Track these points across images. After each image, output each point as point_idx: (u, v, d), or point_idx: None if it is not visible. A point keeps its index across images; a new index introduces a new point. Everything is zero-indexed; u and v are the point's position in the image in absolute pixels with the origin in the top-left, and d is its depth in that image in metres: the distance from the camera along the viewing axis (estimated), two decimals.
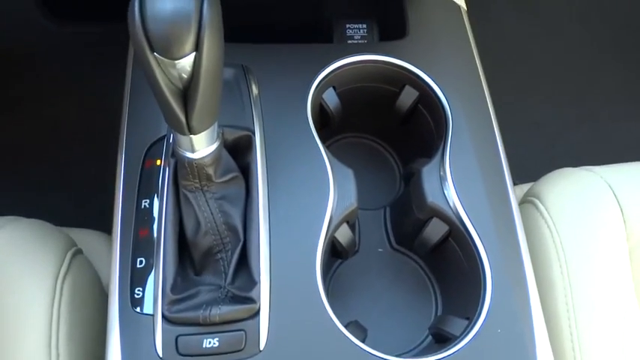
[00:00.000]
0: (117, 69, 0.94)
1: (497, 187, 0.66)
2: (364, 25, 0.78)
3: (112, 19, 1.31)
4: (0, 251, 0.65)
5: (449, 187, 0.62)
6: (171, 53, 0.42)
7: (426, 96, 0.70)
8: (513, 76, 1.37)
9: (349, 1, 0.80)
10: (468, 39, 0.76)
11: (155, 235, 0.56)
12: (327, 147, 0.79)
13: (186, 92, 0.46)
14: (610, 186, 0.71)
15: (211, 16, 0.42)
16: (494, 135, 0.69)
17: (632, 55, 1.45)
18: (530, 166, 1.24)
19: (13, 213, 0.77)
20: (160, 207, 0.57)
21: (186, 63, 0.44)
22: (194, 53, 0.43)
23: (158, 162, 0.61)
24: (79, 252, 0.72)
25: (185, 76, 0.45)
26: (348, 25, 0.77)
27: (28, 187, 1.24)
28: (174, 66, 0.44)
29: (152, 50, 0.42)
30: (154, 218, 0.58)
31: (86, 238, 0.79)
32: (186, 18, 0.41)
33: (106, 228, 0.77)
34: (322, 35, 0.79)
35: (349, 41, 0.77)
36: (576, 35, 1.45)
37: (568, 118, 1.39)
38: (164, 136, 0.62)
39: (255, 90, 0.66)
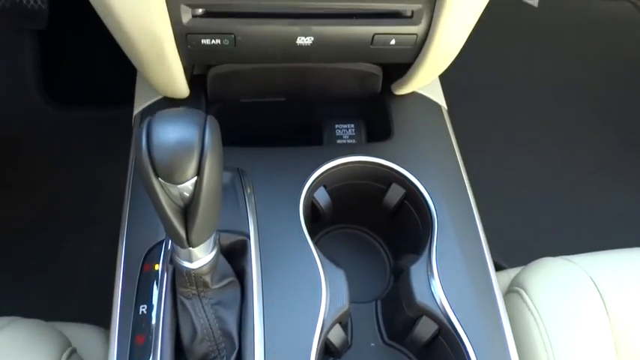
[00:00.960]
0: (115, 154, 0.98)
1: (483, 282, 0.68)
2: (352, 126, 0.83)
3: (112, 104, 1.37)
4: None
5: (436, 286, 0.65)
6: (174, 179, 0.46)
7: (412, 194, 0.74)
8: (496, 153, 1.43)
9: (337, 105, 0.85)
10: (449, 135, 0.81)
11: (152, 342, 0.58)
12: (319, 238, 0.83)
13: (187, 209, 0.49)
14: (591, 278, 0.74)
15: (212, 144, 0.46)
16: (477, 229, 0.73)
17: (609, 130, 1.52)
18: (518, 244, 1.28)
19: (9, 302, 0.78)
20: (157, 314, 0.58)
21: (188, 184, 0.47)
22: (195, 177, 0.47)
23: (156, 267, 0.63)
24: (73, 352, 0.72)
25: (187, 194, 0.48)
26: (337, 126, 0.83)
27: (23, 272, 1.25)
28: (176, 188, 0.47)
29: (156, 176, 0.46)
30: (151, 324, 0.59)
31: (81, 333, 0.80)
32: (189, 148, 0.45)
33: (101, 319, 0.78)
34: (313, 135, 0.84)
35: (338, 141, 0.82)
36: (554, 113, 1.53)
37: (551, 193, 1.44)
38: (163, 240, 0.65)
39: (250, 193, 0.69)
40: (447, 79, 0.89)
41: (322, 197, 0.74)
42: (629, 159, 1.44)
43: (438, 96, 0.86)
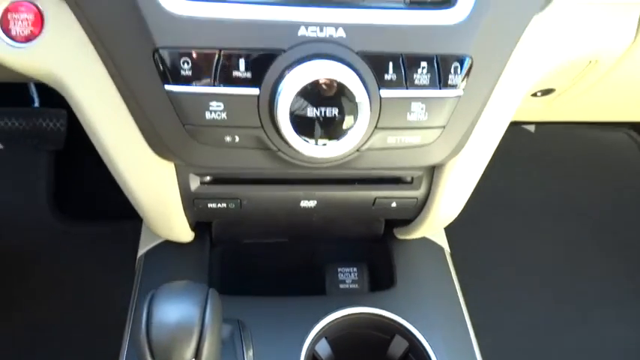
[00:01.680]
0: (119, 273, 0.97)
1: None
2: (355, 269, 0.83)
3: (118, 219, 1.38)
4: None
5: None
6: None
7: (415, 347, 0.72)
8: (500, 283, 1.41)
9: (340, 245, 0.86)
10: (453, 282, 0.81)
11: None
12: None
13: None
14: None
15: (212, 325, 0.46)
16: None
17: (613, 254, 1.51)
18: None
19: None
20: None
21: None
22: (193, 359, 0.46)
23: None
24: None
25: None
26: (339, 270, 0.83)
27: None
28: None
29: (153, 358, 0.45)
30: None
31: None
32: (188, 331, 0.45)
33: None
34: (315, 277, 0.84)
35: (341, 285, 0.81)
36: (556, 237, 1.52)
37: (557, 321, 1.41)
38: None
39: (249, 347, 0.67)
40: None
41: (324, 350, 0.72)
42: (635, 282, 1.42)
43: (440, 237, 0.87)
